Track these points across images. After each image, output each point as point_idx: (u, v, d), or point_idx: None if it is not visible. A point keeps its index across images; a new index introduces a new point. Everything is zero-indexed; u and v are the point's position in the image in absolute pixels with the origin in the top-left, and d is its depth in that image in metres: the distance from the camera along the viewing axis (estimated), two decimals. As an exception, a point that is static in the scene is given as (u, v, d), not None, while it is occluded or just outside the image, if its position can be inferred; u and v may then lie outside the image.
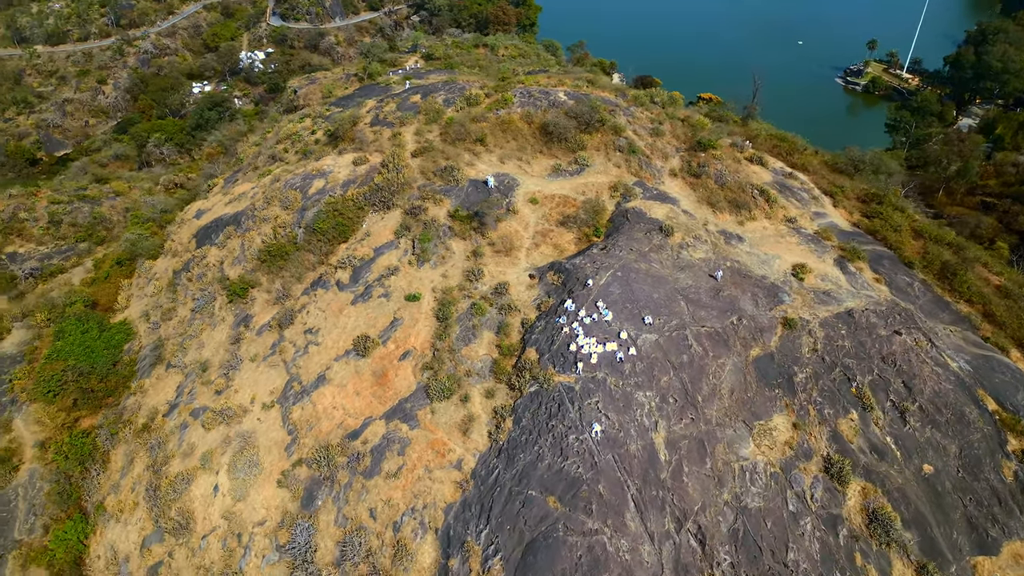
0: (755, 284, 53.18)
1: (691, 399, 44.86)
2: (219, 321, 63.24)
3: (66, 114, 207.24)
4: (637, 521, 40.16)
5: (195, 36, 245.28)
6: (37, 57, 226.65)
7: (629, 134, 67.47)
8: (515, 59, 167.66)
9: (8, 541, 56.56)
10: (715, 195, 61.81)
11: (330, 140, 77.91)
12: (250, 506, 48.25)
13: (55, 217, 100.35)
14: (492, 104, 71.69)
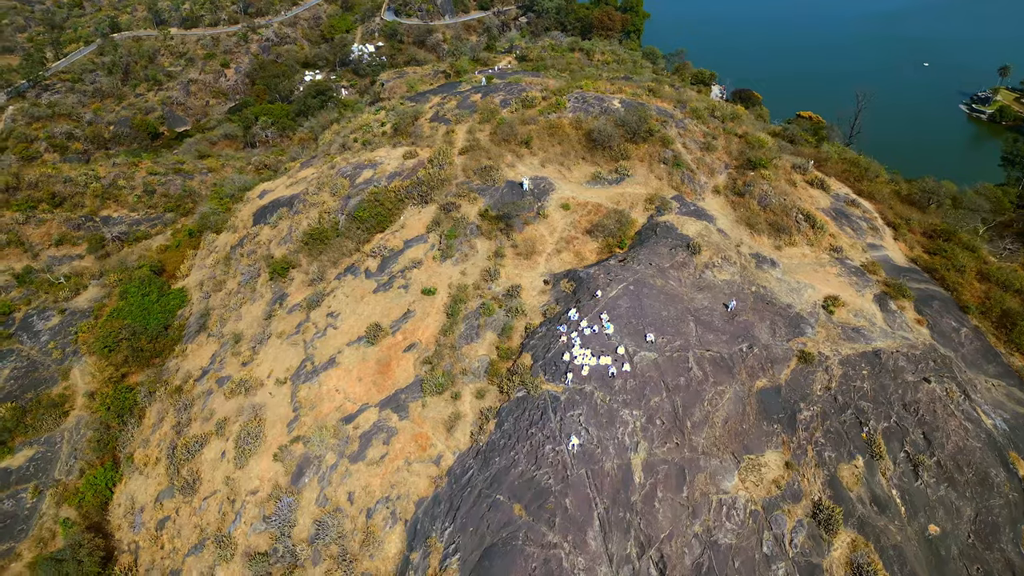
0: (777, 312, 50.60)
1: (679, 424, 43.26)
2: (259, 297, 66.27)
3: (190, 93, 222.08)
4: (599, 541, 39.17)
5: (314, 27, 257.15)
6: (171, 39, 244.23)
7: (677, 147, 65.60)
8: (608, 64, 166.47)
9: (48, 479, 61.45)
10: (755, 216, 59.15)
11: (394, 133, 79.90)
12: (247, 475, 50.41)
13: (149, 187, 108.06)
14: (546, 107, 71.48)
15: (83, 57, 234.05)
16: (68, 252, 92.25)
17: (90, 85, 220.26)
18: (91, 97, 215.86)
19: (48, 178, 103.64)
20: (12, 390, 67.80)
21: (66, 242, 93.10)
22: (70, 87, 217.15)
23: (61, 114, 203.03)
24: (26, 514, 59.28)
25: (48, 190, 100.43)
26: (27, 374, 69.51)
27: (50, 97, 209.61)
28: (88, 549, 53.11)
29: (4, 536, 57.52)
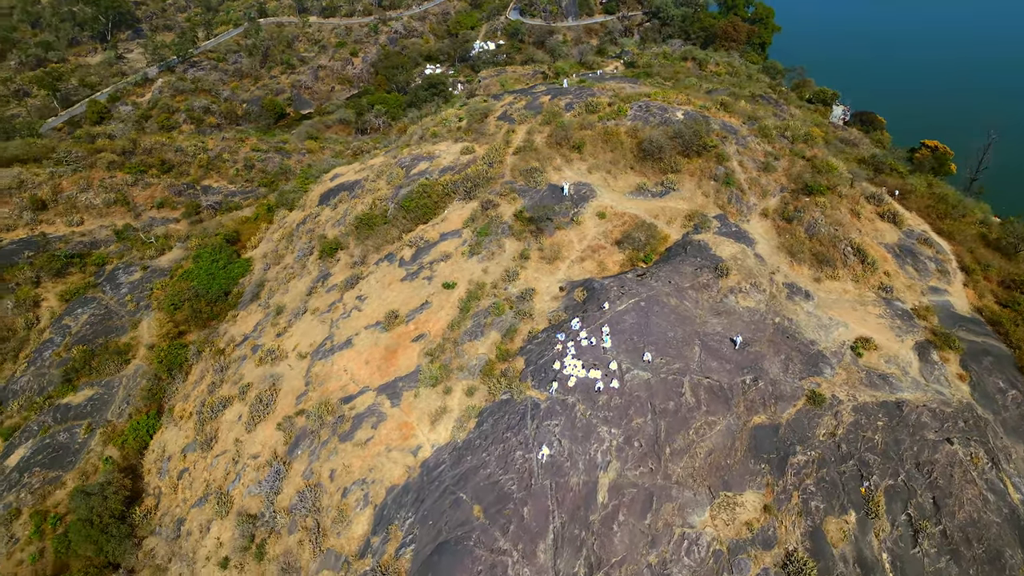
0: (796, 347, 47.52)
1: (658, 449, 41.60)
2: (306, 273, 69.36)
3: (318, 78, 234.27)
4: (548, 555, 38.40)
5: (441, 22, 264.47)
6: (309, 26, 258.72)
7: (732, 164, 62.78)
8: (719, 76, 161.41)
9: (101, 419, 67.09)
10: (799, 244, 55.70)
11: (468, 128, 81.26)
12: (252, 439, 53.05)
13: (249, 162, 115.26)
14: (607, 114, 70.36)
15: (229, 39, 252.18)
16: (167, 215, 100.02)
17: (232, 65, 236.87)
18: (231, 76, 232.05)
19: (162, 146, 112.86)
20: (86, 334, 74.43)
21: (166, 206, 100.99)
22: (214, 65, 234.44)
23: (203, 89, 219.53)
24: (76, 448, 64.95)
25: (160, 157, 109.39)
26: (102, 321, 76.07)
27: (195, 73, 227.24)
28: (115, 487, 57.56)
29: (55, 465, 63.31)
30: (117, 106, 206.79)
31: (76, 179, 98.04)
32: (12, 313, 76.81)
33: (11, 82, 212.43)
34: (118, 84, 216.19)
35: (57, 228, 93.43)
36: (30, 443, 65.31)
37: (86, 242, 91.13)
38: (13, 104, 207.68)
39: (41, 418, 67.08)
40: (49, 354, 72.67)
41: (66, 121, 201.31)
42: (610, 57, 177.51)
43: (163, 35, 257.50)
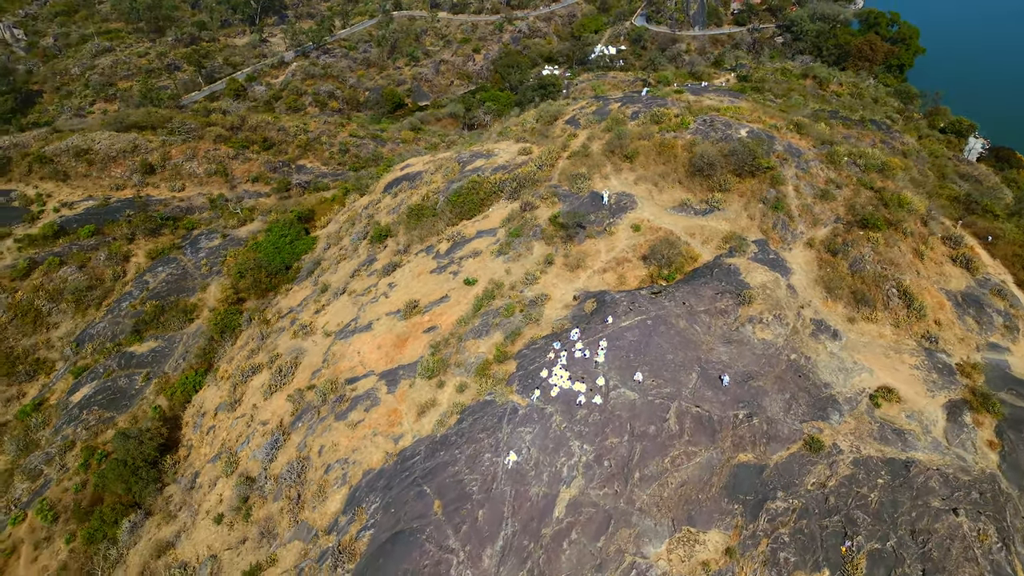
0: (805, 388, 44.47)
1: (627, 472, 40.20)
2: (356, 256, 71.92)
3: (439, 72, 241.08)
4: (493, 561, 38.06)
5: (566, 24, 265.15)
6: (437, 21, 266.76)
7: (787, 189, 59.34)
8: (840, 97, 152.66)
9: (159, 370, 72.52)
10: (839, 280, 51.91)
11: (533, 129, 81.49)
12: (266, 407, 55.74)
13: (345, 147, 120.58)
14: (670, 125, 68.36)
15: (363, 29, 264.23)
16: (259, 189, 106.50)
17: (361, 54, 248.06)
18: (359, 64, 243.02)
19: (267, 124, 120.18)
20: (161, 291, 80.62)
21: (261, 180, 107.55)
22: (345, 53, 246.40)
23: (331, 75, 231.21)
24: (132, 393, 70.54)
25: (263, 134, 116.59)
26: (177, 281, 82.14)
27: (326, 60, 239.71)
28: (151, 434, 61.99)
29: (111, 406, 69.08)
30: (253, 85, 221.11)
31: (184, 148, 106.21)
32: (103, 264, 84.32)
33: (165, 56, 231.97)
34: (256, 65, 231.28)
35: (160, 192, 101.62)
36: (94, 384, 71.53)
37: (183, 207, 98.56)
38: (164, 76, 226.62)
39: (108, 362, 73.31)
40: (126, 305, 79.26)
41: (206, 96, 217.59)
42: (725, 69, 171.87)
43: (305, 22, 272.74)
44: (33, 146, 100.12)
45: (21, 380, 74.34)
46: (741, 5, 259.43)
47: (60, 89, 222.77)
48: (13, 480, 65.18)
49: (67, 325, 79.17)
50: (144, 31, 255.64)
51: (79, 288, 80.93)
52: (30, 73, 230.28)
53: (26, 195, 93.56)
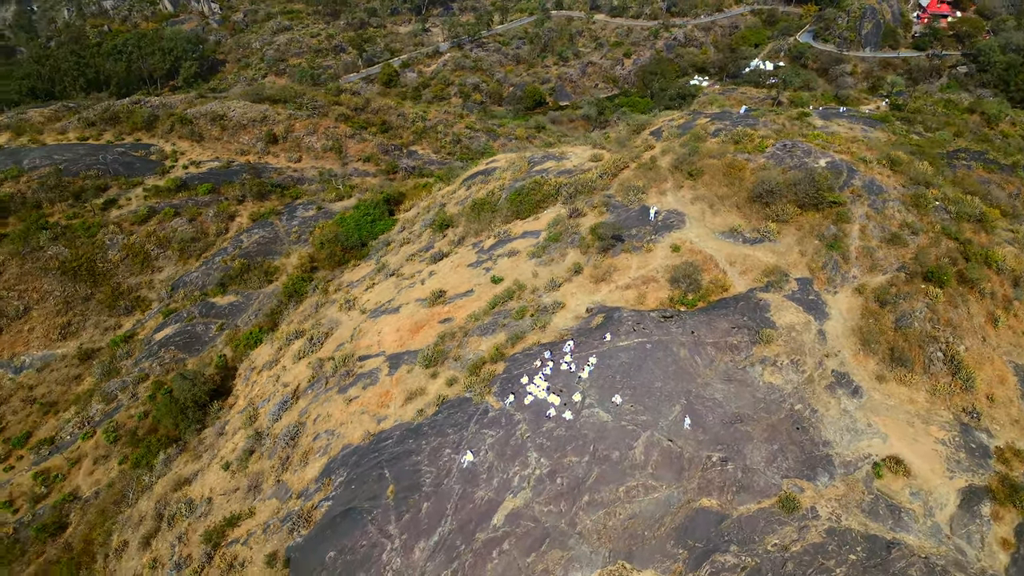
0: (799, 442, 40.90)
1: (577, 493, 38.95)
2: (418, 242, 74.14)
3: (585, 74, 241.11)
4: (423, 555, 38.34)
5: (726, 35, 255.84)
6: (593, 23, 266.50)
7: (851, 228, 54.41)
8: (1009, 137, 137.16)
9: (232, 323, 78.53)
10: (878, 334, 46.98)
11: (615, 137, 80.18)
12: (291, 371, 59.00)
13: (457, 137, 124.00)
14: (748, 147, 64.72)
15: (519, 26, 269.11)
16: (368, 169, 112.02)
17: (514, 50, 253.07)
18: (509, 60, 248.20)
19: (388, 108, 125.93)
20: (251, 251, 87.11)
21: (371, 161, 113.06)
22: (497, 48, 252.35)
23: (480, 68, 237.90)
24: (206, 340, 76.94)
25: (382, 118, 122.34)
26: (267, 244, 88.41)
27: (478, 53, 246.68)
28: (204, 379, 67.25)
29: (185, 348, 75.76)
30: (405, 72, 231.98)
31: (307, 123, 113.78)
32: (210, 220, 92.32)
33: (333, 38, 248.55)
34: (413, 53, 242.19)
35: (279, 161, 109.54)
36: (176, 326, 78.67)
37: (295, 177, 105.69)
38: (330, 57, 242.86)
39: (192, 309, 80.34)
40: (219, 259, 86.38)
41: (363, 78, 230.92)
42: (879, 96, 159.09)
43: (467, 16, 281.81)
44: (178, 108, 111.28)
45: (120, 313, 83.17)
46: (924, 28, 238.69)
47: (241, 60, 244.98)
48: (92, 400, 73.16)
49: (168, 270, 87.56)
50: (321, 13, 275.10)
51: (185, 239, 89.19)
52: (218, 44, 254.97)
53: (163, 150, 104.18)
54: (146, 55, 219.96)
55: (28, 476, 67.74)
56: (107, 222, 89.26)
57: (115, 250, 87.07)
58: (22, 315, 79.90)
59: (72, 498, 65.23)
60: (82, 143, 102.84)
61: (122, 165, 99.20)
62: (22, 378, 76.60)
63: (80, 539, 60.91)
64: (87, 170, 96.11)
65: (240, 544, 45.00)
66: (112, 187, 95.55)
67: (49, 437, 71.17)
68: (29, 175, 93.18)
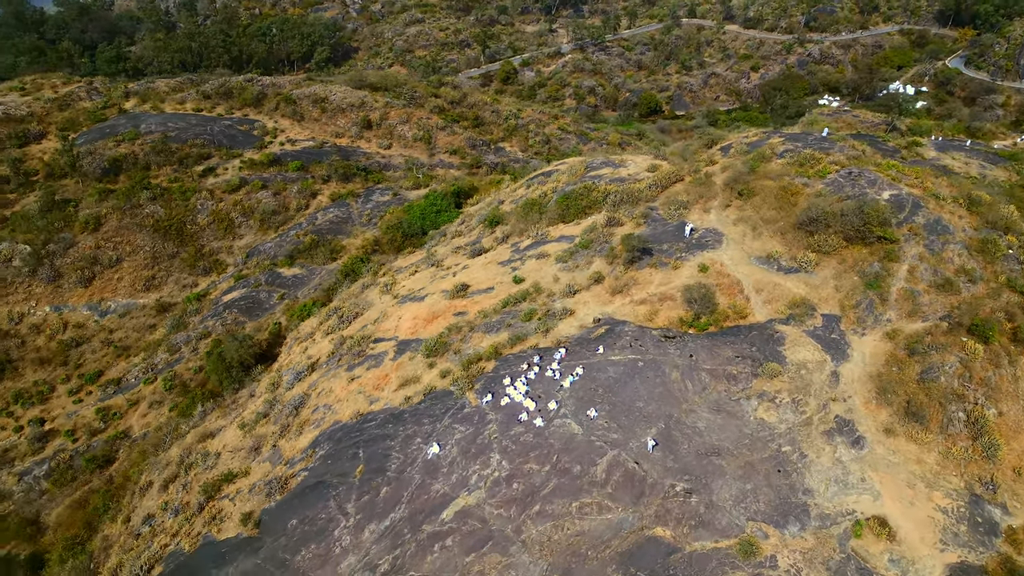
0: (775, 485, 38.37)
1: (528, 501, 38.41)
2: (469, 235, 75.11)
3: (706, 85, 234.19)
4: (371, 537, 39.13)
5: (868, 54, 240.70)
6: (724, 33, 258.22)
7: (898, 268, 50.10)
8: None
9: (292, 294, 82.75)
10: (897, 384, 43.04)
11: (680, 150, 78.02)
12: (318, 345, 61.49)
13: (547, 138, 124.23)
14: (808, 170, 61.05)
15: (646, 32, 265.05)
16: (453, 161, 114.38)
17: (637, 55, 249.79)
18: (630, 65, 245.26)
19: (484, 104, 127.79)
20: (323, 228, 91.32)
21: (458, 154, 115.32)
22: (620, 52, 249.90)
23: (600, 72, 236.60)
24: (266, 307, 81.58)
25: (476, 113, 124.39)
26: (339, 224, 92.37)
27: (600, 56, 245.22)
28: (251, 343, 71.57)
29: (247, 312, 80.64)
30: (524, 70, 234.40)
31: (401, 112, 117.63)
32: (294, 196, 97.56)
33: (460, 33, 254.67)
34: (534, 53, 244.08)
35: (370, 146, 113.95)
36: (243, 291, 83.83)
37: (381, 163, 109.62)
38: (455, 51, 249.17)
39: (259, 276, 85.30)
40: (293, 233, 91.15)
41: (483, 73, 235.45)
42: (1020, 131, 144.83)
43: (596, 18, 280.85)
44: (286, 88, 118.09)
45: (199, 273, 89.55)
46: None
47: (372, 49, 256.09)
48: (159, 350, 79.36)
49: (248, 238, 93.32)
50: (453, 8, 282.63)
51: (267, 211, 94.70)
52: (354, 32, 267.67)
53: (265, 126, 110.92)
54: (286, 38, 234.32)
55: (92, 411, 74.39)
56: (201, 188, 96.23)
57: (204, 214, 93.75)
58: (114, 265, 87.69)
59: (123, 436, 71.01)
60: (195, 114, 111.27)
61: (226, 137, 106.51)
62: (105, 321, 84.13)
63: (120, 474, 66.35)
64: (194, 139, 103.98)
65: (228, 499, 47.51)
66: (214, 156, 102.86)
67: (117, 378, 77.78)
68: (144, 139, 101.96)
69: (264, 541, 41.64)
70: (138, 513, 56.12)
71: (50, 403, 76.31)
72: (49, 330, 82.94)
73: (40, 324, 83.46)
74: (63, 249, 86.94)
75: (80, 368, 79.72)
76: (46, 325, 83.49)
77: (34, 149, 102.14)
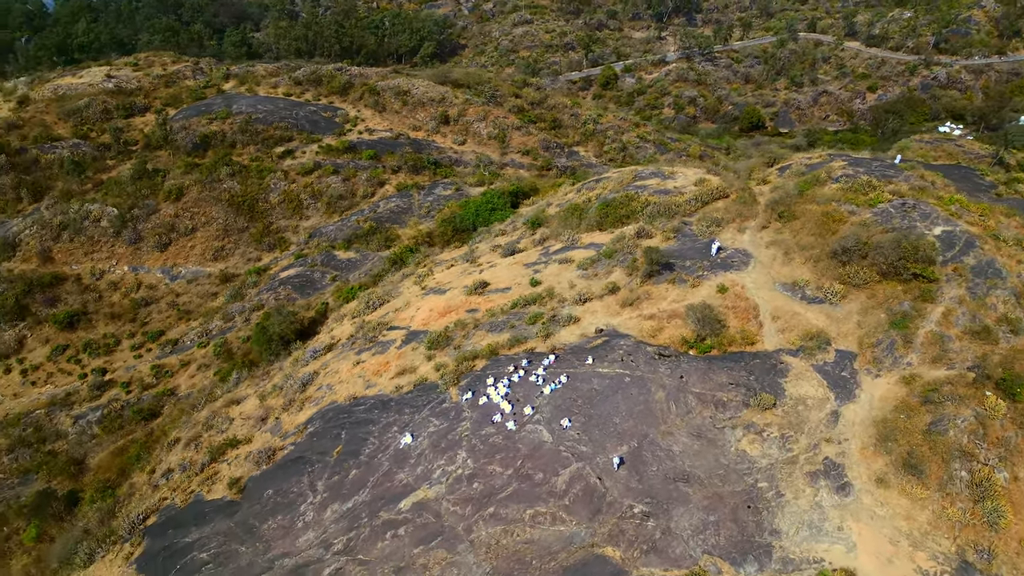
0: (740, 522, 36.51)
1: (484, 501, 38.30)
2: (512, 234, 75.31)
3: (816, 103, 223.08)
4: (331, 517, 40.16)
5: (1002, 81, 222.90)
6: (842, 50, 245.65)
7: (931, 309, 46.31)
8: None
9: (344, 276, 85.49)
10: (899, 432, 39.76)
11: (733, 168, 75.61)
12: (343, 326, 63.47)
13: (624, 145, 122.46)
14: (858, 198, 57.58)
15: (759, 44, 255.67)
16: (523, 161, 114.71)
17: (745, 68, 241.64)
18: (737, 78, 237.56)
19: (563, 107, 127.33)
20: (382, 217, 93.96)
21: (530, 155, 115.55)
22: (728, 64, 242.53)
23: (703, 83, 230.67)
24: (318, 287, 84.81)
25: (554, 115, 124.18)
26: (398, 213, 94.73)
27: (705, 66, 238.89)
28: (294, 318, 74.41)
29: (298, 289, 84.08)
30: (625, 77, 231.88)
31: (480, 110, 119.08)
32: (362, 183, 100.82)
33: (566, 36, 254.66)
34: (638, 59, 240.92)
35: (445, 141, 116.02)
36: (300, 269, 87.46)
37: (453, 158, 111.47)
38: (558, 53, 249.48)
39: (316, 257, 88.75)
40: (354, 219, 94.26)
41: (583, 77, 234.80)
42: None
43: (707, 28, 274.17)
44: (372, 80, 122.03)
45: (263, 249, 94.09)
46: None
47: (478, 48, 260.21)
48: (215, 317, 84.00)
49: (313, 220, 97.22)
50: (563, 11, 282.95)
51: (334, 195, 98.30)
52: (464, 29, 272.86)
53: (347, 115, 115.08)
54: (396, 32, 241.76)
55: (148, 367, 79.68)
56: (278, 168, 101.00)
57: (276, 194, 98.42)
58: (189, 233, 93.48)
59: (171, 393, 75.63)
60: (285, 98, 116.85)
61: (309, 122, 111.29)
62: (174, 285, 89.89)
63: (160, 428, 70.78)
64: (279, 122, 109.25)
65: (227, 463, 49.82)
66: (295, 140, 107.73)
67: (175, 339, 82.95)
68: (233, 118, 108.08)
69: (242, 506, 43.48)
70: (161, 466, 59.70)
71: (114, 355, 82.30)
72: (124, 288, 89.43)
73: (117, 282, 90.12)
74: (146, 215, 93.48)
75: (145, 326, 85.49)
76: (123, 283, 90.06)
77: (137, 121, 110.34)
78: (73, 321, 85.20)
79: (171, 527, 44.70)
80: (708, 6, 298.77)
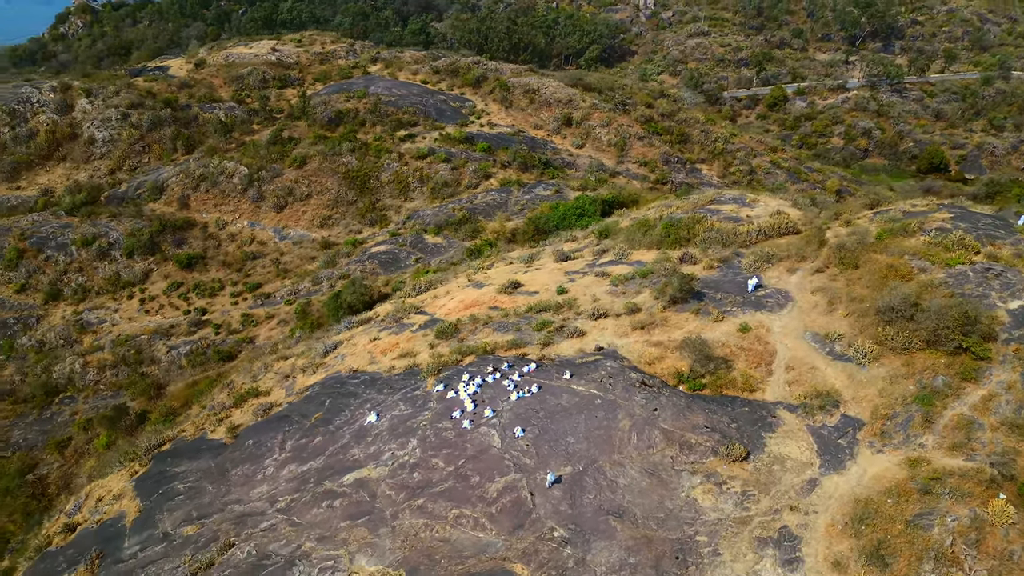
0: (659, 569, 34.09)
1: (417, 492, 38.62)
2: (579, 241, 74.36)
3: (1016, 150, 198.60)
4: (285, 477, 42.20)
5: None
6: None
7: (971, 390, 40.07)
8: None
9: (426, 260, 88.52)
10: (877, 517, 34.90)
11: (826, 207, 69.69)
12: (383, 305, 65.86)
13: (752, 168, 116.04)
14: (937, 255, 51.21)
15: (960, 79, 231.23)
16: (639, 172, 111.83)
17: (937, 104, 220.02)
18: (926, 114, 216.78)
19: (695, 122, 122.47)
20: (477, 208, 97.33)
21: (648, 166, 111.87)
22: (918, 98, 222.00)
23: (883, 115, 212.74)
24: (400, 266, 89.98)
25: (682, 129, 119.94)
26: (494, 207, 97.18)
27: (890, 98, 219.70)
28: (362, 291, 78.35)
29: (383, 267, 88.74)
30: (795, 99, 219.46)
31: (604, 115, 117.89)
32: (469, 174, 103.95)
33: (740, 52, 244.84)
34: (813, 83, 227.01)
35: (563, 143, 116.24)
36: (389, 247, 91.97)
37: (566, 160, 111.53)
38: (729, 68, 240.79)
39: (407, 238, 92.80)
40: (451, 207, 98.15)
41: (749, 95, 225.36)
42: None
43: (904, 57, 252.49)
44: (505, 76, 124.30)
45: (365, 224, 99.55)
46: None
47: (647, 55, 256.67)
48: (306, 279, 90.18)
49: (416, 203, 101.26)
50: (744, 26, 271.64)
51: (440, 182, 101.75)
52: (637, 36, 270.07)
53: (475, 107, 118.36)
54: (567, 33, 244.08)
55: (239, 314, 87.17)
56: (395, 150, 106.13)
57: (388, 173, 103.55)
58: (303, 200, 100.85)
59: (249, 341, 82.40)
60: (421, 85, 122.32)
61: (436, 110, 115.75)
62: (281, 244, 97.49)
63: (230, 370, 77.34)
64: (409, 106, 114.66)
65: (239, 410, 53.73)
66: (420, 125, 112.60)
67: (268, 293, 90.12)
68: (368, 99, 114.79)
69: (226, 450, 46.80)
70: (209, 403, 65.31)
71: (216, 298, 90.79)
72: (240, 240, 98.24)
73: (236, 234, 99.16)
74: (271, 177, 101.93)
75: (248, 277, 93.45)
76: (240, 236, 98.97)
77: (288, 92, 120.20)
78: (192, 263, 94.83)
79: (172, 456, 48.95)
80: (913, 33, 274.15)
